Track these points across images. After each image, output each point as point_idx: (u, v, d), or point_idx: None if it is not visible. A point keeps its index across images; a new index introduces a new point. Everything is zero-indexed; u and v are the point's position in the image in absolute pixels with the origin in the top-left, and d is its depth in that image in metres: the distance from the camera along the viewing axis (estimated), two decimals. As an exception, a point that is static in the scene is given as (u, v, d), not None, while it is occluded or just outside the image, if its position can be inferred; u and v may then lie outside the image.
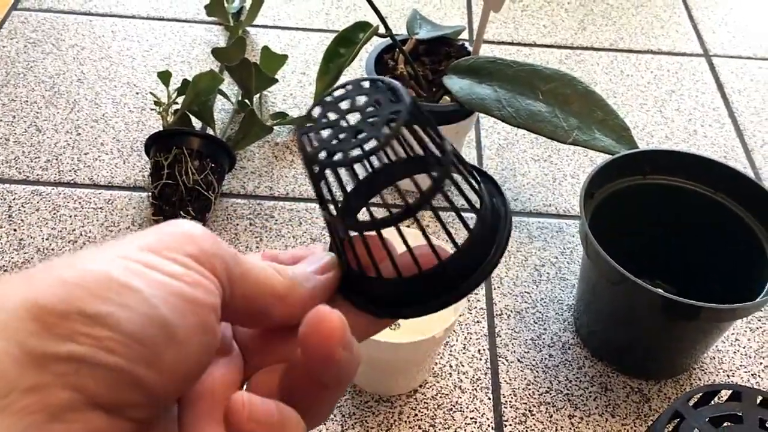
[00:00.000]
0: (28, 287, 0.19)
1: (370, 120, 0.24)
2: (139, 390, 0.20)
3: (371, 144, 0.23)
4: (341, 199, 0.27)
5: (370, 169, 0.27)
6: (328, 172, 0.25)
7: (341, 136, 0.24)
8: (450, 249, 0.26)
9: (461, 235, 0.28)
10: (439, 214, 0.25)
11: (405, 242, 0.25)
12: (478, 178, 0.27)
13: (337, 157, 0.23)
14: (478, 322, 0.63)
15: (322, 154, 0.24)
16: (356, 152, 0.23)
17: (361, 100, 0.25)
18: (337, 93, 0.25)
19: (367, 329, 0.27)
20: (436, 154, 0.24)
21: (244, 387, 0.26)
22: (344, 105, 0.25)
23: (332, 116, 0.25)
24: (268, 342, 0.27)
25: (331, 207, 0.26)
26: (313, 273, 0.26)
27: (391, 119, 0.23)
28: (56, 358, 0.19)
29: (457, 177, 0.25)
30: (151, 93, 0.80)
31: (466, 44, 0.73)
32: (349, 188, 0.27)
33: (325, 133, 0.24)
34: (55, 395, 0.18)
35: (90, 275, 0.20)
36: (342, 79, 0.84)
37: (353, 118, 0.24)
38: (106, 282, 0.20)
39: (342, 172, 0.24)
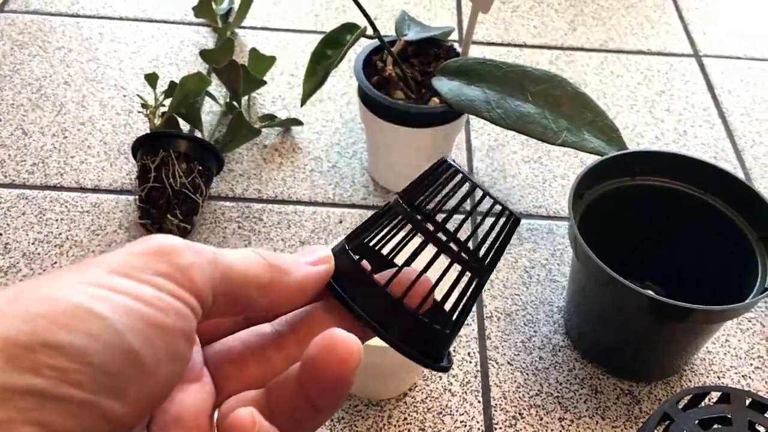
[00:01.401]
0: None
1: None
2: (105, 422, 0.19)
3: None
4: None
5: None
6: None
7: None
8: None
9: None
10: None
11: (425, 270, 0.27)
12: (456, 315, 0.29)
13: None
14: (467, 324, 0.63)
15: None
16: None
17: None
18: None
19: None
20: (480, 256, 0.27)
21: (216, 414, 0.25)
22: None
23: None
24: (243, 367, 0.26)
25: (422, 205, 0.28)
26: (305, 263, 0.26)
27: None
28: (20, 391, 0.18)
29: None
30: (138, 95, 0.79)
31: (456, 45, 0.73)
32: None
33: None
34: (19, 431, 0.18)
35: (54, 304, 0.19)
36: (330, 80, 0.84)
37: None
38: (70, 310, 0.19)
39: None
